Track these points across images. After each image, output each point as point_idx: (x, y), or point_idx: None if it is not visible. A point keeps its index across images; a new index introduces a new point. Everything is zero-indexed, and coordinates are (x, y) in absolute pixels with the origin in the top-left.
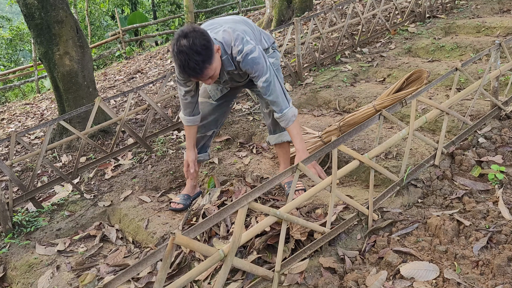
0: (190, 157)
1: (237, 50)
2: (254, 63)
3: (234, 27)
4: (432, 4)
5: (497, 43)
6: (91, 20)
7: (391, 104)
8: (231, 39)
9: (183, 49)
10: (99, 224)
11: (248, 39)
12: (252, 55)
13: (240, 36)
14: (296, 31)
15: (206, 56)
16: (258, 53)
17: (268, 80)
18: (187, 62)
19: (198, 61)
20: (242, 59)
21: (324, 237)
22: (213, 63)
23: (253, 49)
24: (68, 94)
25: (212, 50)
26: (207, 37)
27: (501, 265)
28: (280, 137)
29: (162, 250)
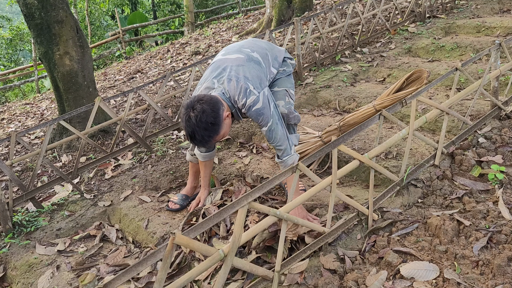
0: (203, 195)
1: (241, 104)
2: (258, 114)
3: (238, 75)
4: (432, 4)
5: (497, 43)
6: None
7: (391, 104)
8: (235, 92)
9: (190, 124)
10: (99, 224)
11: (251, 89)
12: (256, 107)
13: (244, 88)
14: (296, 31)
15: (212, 131)
16: (261, 103)
17: (271, 128)
18: (194, 135)
19: (204, 136)
20: (247, 111)
21: (324, 237)
22: (221, 132)
23: (257, 100)
24: (68, 94)
25: (219, 125)
26: (215, 112)
27: (501, 265)
28: None
29: (162, 250)
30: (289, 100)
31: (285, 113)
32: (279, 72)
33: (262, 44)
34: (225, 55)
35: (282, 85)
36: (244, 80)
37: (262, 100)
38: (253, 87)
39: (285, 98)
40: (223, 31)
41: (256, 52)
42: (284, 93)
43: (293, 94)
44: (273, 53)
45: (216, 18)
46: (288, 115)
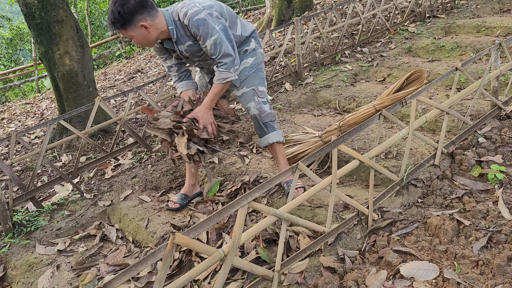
0: None
1: (182, 14)
2: (199, 24)
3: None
4: (432, 4)
5: (497, 43)
6: (91, 20)
7: (391, 104)
8: (179, 7)
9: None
10: (99, 224)
11: (196, 4)
12: (198, 17)
13: (187, 3)
14: (296, 30)
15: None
16: (203, 14)
17: (216, 41)
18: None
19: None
20: (188, 22)
21: (324, 236)
22: (128, 31)
23: (199, 11)
24: (68, 93)
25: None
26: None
27: (501, 265)
28: (266, 140)
29: (162, 249)
30: (259, 100)
31: (256, 113)
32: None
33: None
34: None
35: (250, 85)
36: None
37: (205, 13)
38: (198, 4)
39: (254, 98)
40: None
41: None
42: (253, 93)
43: (263, 91)
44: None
45: None
46: (260, 115)
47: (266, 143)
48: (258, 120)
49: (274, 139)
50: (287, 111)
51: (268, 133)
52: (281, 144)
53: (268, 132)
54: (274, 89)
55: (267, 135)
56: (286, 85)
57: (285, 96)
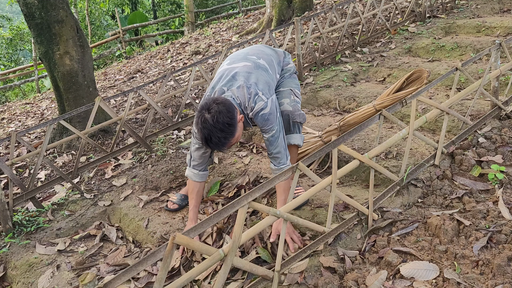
0: None
1: (250, 109)
2: (264, 119)
3: (248, 81)
4: (432, 4)
5: (497, 43)
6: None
7: (391, 104)
8: (245, 99)
9: (206, 125)
10: (99, 224)
11: (260, 95)
12: (263, 112)
13: (253, 94)
14: (296, 30)
15: (229, 133)
16: (269, 109)
17: (275, 135)
18: (210, 137)
19: (220, 138)
20: (254, 116)
21: (324, 236)
22: (236, 135)
23: (265, 105)
24: (68, 93)
25: (235, 126)
26: (231, 113)
27: (501, 265)
28: (289, 139)
29: (162, 249)
30: (294, 98)
31: (290, 110)
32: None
33: (266, 50)
34: (231, 64)
35: (286, 85)
36: (254, 86)
37: (270, 106)
38: (262, 93)
39: (290, 96)
40: (223, 30)
41: (263, 59)
42: (289, 92)
43: (299, 94)
44: (277, 58)
45: (216, 18)
46: (293, 113)
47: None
48: (290, 117)
49: (297, 141)
50: None
51: (293, 133)
52: (298, 149)
53: (293, 132)
54: None
55: (291, 135)
56: None
57: None
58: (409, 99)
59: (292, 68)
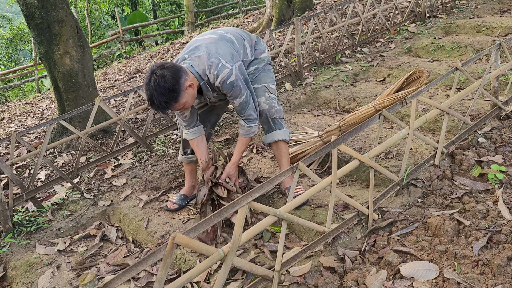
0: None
1: (213, 77)
2: (232, 86)
3: (209, 51)
4: (432, 4)
5: (497, 43)
6: (91, 20)
7: (391, 104)
8: (206, 66)
9: (149, 88)
10: (99, 224)
11: (224, 63)
12: (230, 79)
13: (215, 63)
14: (296, 30)
15: (170, 98)
16: (235, 76)
17: (245, 100)
18: (152, 99)
19: (161, 101)
20: (221, 85)
21: (324, 236)
22: (180, 101)
23: (230, 73)
24: (68, 93)
25: (178, 92)
26: (175, 79)
27: (501, 265)
28: (272, 136)
29: (162, 249)
30: (269, 95)
31: (266, 108)
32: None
33: (239, 30)
34: (199, 37)
35: (261, 82)
36: (215, 55)
37: (235, 73)
38: (225, 62)
39: (265, 94)
40: None
41: (230, 33)
42: (264, 89)
43: (274, 89)
44: (250, 41)
45: (216, 18)
46: (270, 110)
47: (271, 140)
48: (268, 115)
49: (281, 136)
50: (287, 111)
51: (275, 130)
52: (287, 144)
53: (276, 129)
54: None
55: (273, 132)
56: (286, 85)
57: (285, 96)
58: (409, 99)
59: (266, 59)
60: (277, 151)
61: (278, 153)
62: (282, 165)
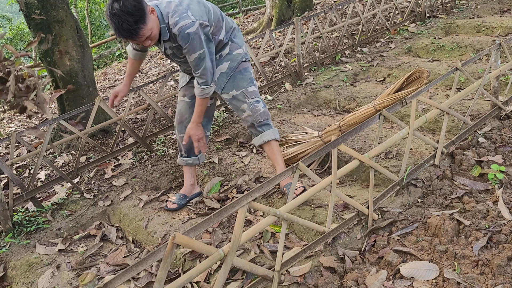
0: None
1: (173, 22)
2: (189, 38)
3: (182, 2)
4: (432, 4)
5: (497, 43)
6: (91, 20)
7: (391, 104)
8: (170, 10)
9: (115, 11)
10: (99, 224)
11: (189, 15)
12: (188, 30)
13: (180, 10)
14: (296, 30)
15: (138, 16)
16: (195, 28)
17: (201, 56)
18: (120, 24)
19: (131, 22)
20: (178, 33)
21: (324, 236)
22: (148, 23)
23: (191, 24)
24: (68, 93)
25: (144, 10)
26: (137, 2)
27: (501, 265)
28: (262, 138)
29: (162, 249)
30: (250, 101)
31: (250, 114)
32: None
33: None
34: None
35: (238, 87)
36: (185, 6)
37: (196, 27)
38: (191, 14)
39: (246, 100)
40: None
41: (211, 5)
42: (243, 96)
43: (254, 91)
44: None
45: None
46: (253, 115)
47: (262, 142)
48: (252, 121)
49: (270, 137)
50: (287, 111)
51: (263, 132)
52: (277, 142)
53: (264, 131)
54: (274, 89)
55: (262, 134)
56: (286, 85)
57: (285, 96)
58: (409, 99)
59: (241, 56)
60: (269, 151)
61: (271, 153)
62: (277, 163)
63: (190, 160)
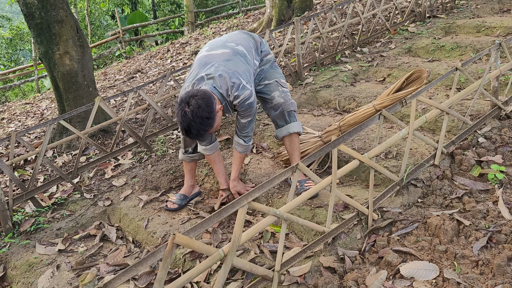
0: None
1: (233, 96)
2: (249, 107)
3: (229, 71)
4: (432, 4)
5: (497, 43)
6: (91, 20)
7: (391, 104)
8: (228, 87)
9: (186, 119)
10: (99, 224)
11: (245, 84)
12: (249, 101)
13: (237, 84)
14: (296, 30)
15: (207, 125)
16: (253, 97)
17: (251, 120)
18: (189, 129)
19: (200, 130)
20: (239, 104)
21: (324, 236)
22: (214, 125)
23: (250, 94)
24: (68, 93)
25: (213, 119)
26: (209, 107)
27: (501, 265)
28: (288, 129)
29: (162, 249)
30: (283, 89)
31: (282, 102)
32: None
33: (244, 35)
34: (209, 51)
35: (272, 77)
36: (236, 75)
37: (254, 95)
38: (245, 82)
39: (278, 88)
40: (223, 30)
41: (241, 45)
42: (276, 84)
43: (285, 83)
44: (255, 44)
45: (216, 18)
46: (285, 103)
47: (287, 133)
48: (283, 108)
49: (296, 129)
50: None
51: (290, 123)
52: (299, 136)
53: (290, 122)
54: None
55: (289, 125)
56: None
57: None
58: (409, 99)
59: (272, 58)
60: (290, 145)
61: (291, 147)
62: (294, 159)
63: (196, 156)
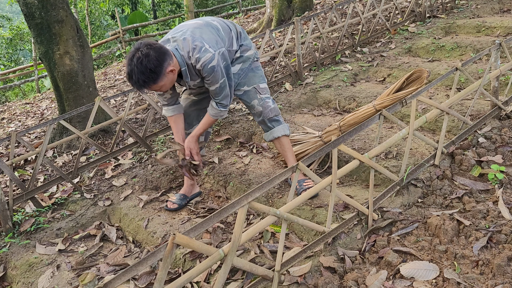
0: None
1: (195, 59)
2: (212, 71)
3: (194, 35)
4: (432, 4)
5: (497, 43)
6: (91, 20)
7: (391, 104)
8: (190, 49)
9: (131, 63)
10: (99, 224)
11: (207, 47)
12: (211, 64)
13: (199, 46)
14: (296, 30)
15: (149, 78)
16: (216, 61)
17: (221, 86)
18: (131, 75)
19: (139, 79)
20: (202, 68)
21: (324, 236)
22: (159, 83)
23: (212, 57)
24: (68, 93)
25: (158, 74)
26: (158, 61)
27: (501, 265)
28: (272, 134)
29: (162, 249)
30: (261, 97)
31: (260, 110)
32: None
33: (226, 21)
34: (186, 22)
35: (250, 83)
36: (200, 39)
37: (217, 59)
38: (208, 46)
39: (257, 95)
40: None
41: (217, 22)
42: (254, 91)
43: (265, 88)
44: (236, 32)
45: None
46: (264, 111)
47: (272, 137)
48: (263, 116)
49: (280, 132)
50: (287, 111)
51: (273, 128)
52: (288, 137)
53: (274, 127)
54: (274, 89)
55: (272, 130)
56: (286, 85)
57: (285, 96)
58: (409, 99)
59: (252, 56)
60: (280, 147)
61: (282, 149)
62: (288, 160)
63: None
